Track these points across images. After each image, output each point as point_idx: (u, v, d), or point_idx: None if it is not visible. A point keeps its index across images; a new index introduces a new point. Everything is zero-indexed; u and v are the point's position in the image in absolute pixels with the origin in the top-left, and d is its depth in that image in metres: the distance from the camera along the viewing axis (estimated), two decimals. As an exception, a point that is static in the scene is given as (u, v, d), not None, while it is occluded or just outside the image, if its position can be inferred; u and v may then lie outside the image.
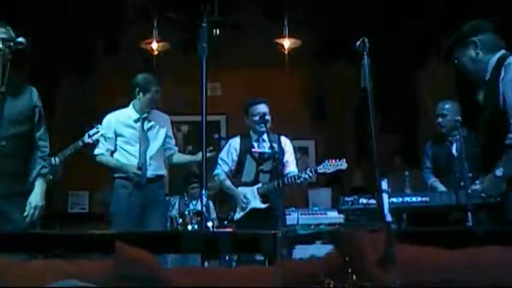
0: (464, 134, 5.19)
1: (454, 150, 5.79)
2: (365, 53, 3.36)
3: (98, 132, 5.54)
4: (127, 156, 5.53)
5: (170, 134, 5.84)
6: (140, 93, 5.59)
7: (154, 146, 5.61)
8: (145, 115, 5.61)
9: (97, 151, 5.60)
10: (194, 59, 3.52)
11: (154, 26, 7.83)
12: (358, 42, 3.40)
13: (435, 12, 7.63)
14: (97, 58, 8.88)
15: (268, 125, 5.61)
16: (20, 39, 3.76)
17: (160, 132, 5.69)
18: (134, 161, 5.48)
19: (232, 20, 7.74)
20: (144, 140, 5.57)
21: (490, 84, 3.56)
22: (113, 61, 8.61)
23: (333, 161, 5.55)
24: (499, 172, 3.46)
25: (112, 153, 5.60)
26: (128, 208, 5.40)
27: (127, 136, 5.56)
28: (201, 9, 3.53)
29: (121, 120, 5.62)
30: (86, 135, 5.56)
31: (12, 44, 3.76)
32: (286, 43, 7.99)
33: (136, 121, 5.60)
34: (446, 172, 5.83)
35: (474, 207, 4.62)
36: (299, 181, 5.49)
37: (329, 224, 6.53)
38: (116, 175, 5.54)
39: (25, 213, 3.94)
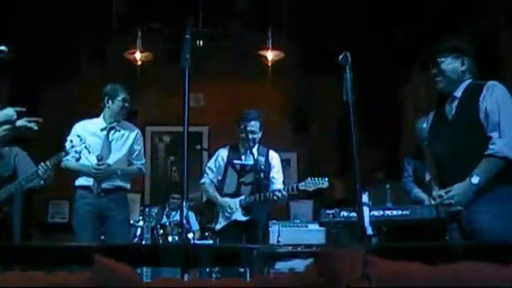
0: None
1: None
2: (347, 67, 3.39)
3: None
4: (87, 165, 5.42)
5: (137, 147, 5.71)
6: (109, 102, 5.55)
7: (115, 157, 5.53)
8: (112, 125, 5.55)
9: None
10: (177, 69, 3.51)
11: (138, 36, 7.81)
12: (340, 56, 3.44)
13: (417, 27, 7.69)
14: (81, 67, 8.84)
15: (256, 141, 5.66)
16: (2, 47, 3.74)
17: (125, 144, 5.62)
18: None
19: (215, 32, 7.75)
20: (106, 149, 5.48)
21: (462, 101, 3.77)
22: (97, 71, 8.58)
23: (316, 179, 5.55)
24: (474, 180, 3.54)
25: (78, 160, 5.48)
26: (86, 218, 5.35)
27: (91, 145, 5.38)
28: (185, 20, 3.52)
29: (87, 129, 5.55)
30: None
31: None
32: (270, 55, 8.01)
33: (102, 130, 5.54)
34: (426, 185, 5.86)
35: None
36: (281, 197, 5.49)
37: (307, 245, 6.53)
38: (76, 184, 5.48)
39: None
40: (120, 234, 5.44)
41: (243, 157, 5.73)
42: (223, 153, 5.83)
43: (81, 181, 5.48)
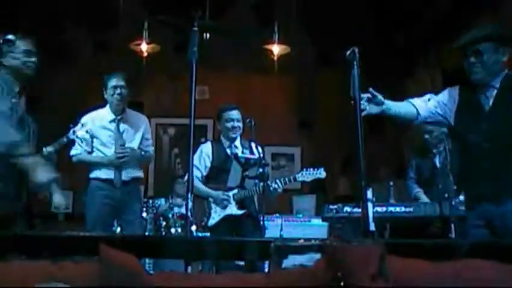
0: (449, 146, 5.21)
1: (437, 163, 5.81)
2: (355, 62, 3.35)
3: (83, 128, 5.43)
4: (106, 156, 5.43)
5: (148, 135, 5.70)
6: (104, 91, 5.52)
7: (131, 147, 5.50)
8: (120, 116, 5.52)
9: (73, 152, 5.48)
10: (183, 61, 3.50)
11: (145, 27, 7.79)
12: (348, 52, 3.39)
13: (423, 23, 7.67)
14: (86, 57, 8.82)
15: (240, 132, 5.64)
16: (10, 36, 3.73)
17: (137, 134, 5.59)
18: None
19: (222, 25, 7.74)
20: (119, 141, 5.47)
21: (501, 92, 3.59)
22: (103, 61, 8.56)
23: (312, 169, 5.56)
24: None
25: (89, 154, 5.50)
26: (101, 210, 5.33)
27: (103, 138, 5.46)
28: (192, 13, 3.50)
29: (96, 122, 5.51)
30: (71, 131, 5.43)
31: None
32: (276, 49, 7.98)
33: (110, 122, 5.51)
34: (430, 184, 5.85)
35: (457, 219, 4.65)
36: (277, 189, 5.49)
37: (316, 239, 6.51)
38: (92, 176, 5.46)
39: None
40: (136, 223, 5.49)
41: (228, 150, 5.70)
42: (206, 149, 5.75)
43: (97, 173, 5.43)
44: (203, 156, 5.77)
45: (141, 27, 7.83)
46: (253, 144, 5.78)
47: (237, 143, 5.69)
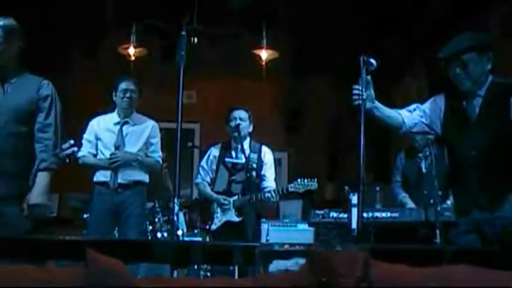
0: (435, 151, 5.22)
1: (423, 167, 5.82)
2: (363, 70, 3.37)
3: (70, 146, 5.38)
4: (103, 159, 5.42)
5: (153, 140, 5.64)
6: (114, 94, 5.51)
7: (130, 151, 5.47)
8: (125, 119, 5.52)
9: (79, 154, 5.37)
10: (171, 65, 3.50)
11: (132, 31, 7.77)
12: (362, 58, 3.42)
13: (412, 31, 7.71)
14: (73, 61, 8.78)
15: (243, 132, 5.58)
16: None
17: (141, 138, 5.56)
18: None
19: (211, 29, 7.74)
20: (120, 143, 5.45)
21: (487, 100, 3.58)
22: (90, 65, 8.54)
23: (305, 180, 5.54)
24: None
25: (95, 156, 5.50)
26: (100, 215, 5.32)
27: (105, 140, 5.46)
28: (181, 17, 3.51)
29: (102, 124, 5.53)
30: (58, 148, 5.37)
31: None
32: (264, 54, 7.99)
33: (115, 124, 5.50)
34: (415, 188, 5.87)
35: (442, 225, 4.66)
36: (272, 199, 5.49)
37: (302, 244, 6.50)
38: (95, 180, 5.44)
39: (24, 213, 3.69)
40: (133, 229, 5.35)
41: (233, 153, 5.70)
42: (215, 152, 5.81)
43: (98, 177, 5.42)
44: (211, 158, 5.78)
45: (129, 31, 7.81)
46: (263, 148, 5.76)
47: (246, 145, 5.64)
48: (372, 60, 3.45)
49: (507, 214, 3.43)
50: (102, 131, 5.50)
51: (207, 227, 5.74)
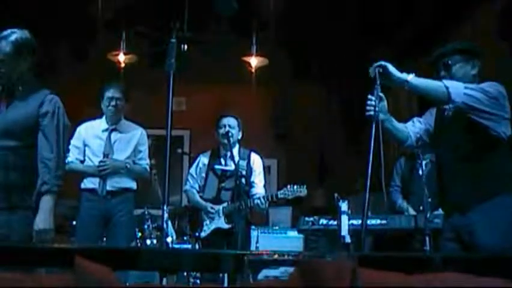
0: (433, 158, 5.24)
1: (420, 173, 5.81)
2: (377, 81, 3.40)
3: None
4: (92, 165, 5.42)
5: (142, 148, 5.67)
6: (101, 101, 5.52)
7: (118, 158, 5.48)
8: (113, 126, 5.52)
9: (66, 159, 5.44)
10: (160, 72, 3.50)
11: (122, 38, 7.77)
12: (372, 69, 3.44)
13: (401, 37, 7.75)
14: (60, 66, 8.74)
15: (232, 139, 5.58)
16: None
17: (129, 145, 5.58)
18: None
19: (200, 36, 7.75)
20: (108, 151, 5.45)
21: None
22: (78, 71, 8.52)
23: (294, 187, 5.55)
24: (410, 77, 3.43)
25: (82, 162, 5.50)
26: (88, 222, 5.32)
27: (93, 147, 5.47)
28: (170, 24, 3.52)
29: (90, 131, 5.54)
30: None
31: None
32: (254, 61, 8.01)
33: (103, 131, 5.51)
34: (411, 193, 5.90)
35: (432, 232, 4.69)
36: (261, 206, 5.49)
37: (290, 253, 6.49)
38: (82, 187, 5.44)
39: (33, 240, 3.59)
40: (122, 236, 5.35)
41: (222, 160, 5.70)
42: (204, 159, 5.83)
43: (86, 183, 5.43)
44: (200, 165, 5.78)
45: (119, 37, 7.81)
46: (252, 155, 5.77)
47: (235, 152, 5.63)
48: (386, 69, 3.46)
49: (478, 219, 3.45)
50: (90, 137, 5.50)
51: (196, 234, 5.73)
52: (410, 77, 3.44)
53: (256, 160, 5.80)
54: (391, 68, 3.47)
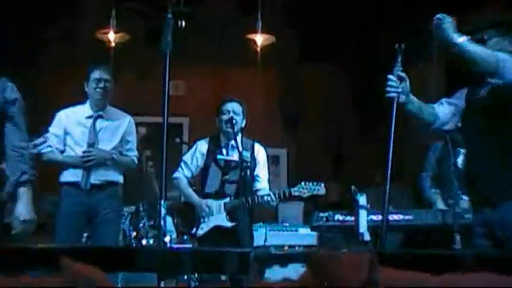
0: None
1: (458, 164, 5.73)
2: (398, 60, 3.39)
3: (44, 142, 5.35)
4: (74, 156, 5.36)
5: (130, 138, 5.61)
6: (86, 84, 5.45)
7: (104, 149, 5.43)
8: (99, 113, 5.47)
9: (43, 149, 5.35)
10: (156, 52, 3.49)
11: (112, 14, 7.75)
12: (398, 46, 3.43)
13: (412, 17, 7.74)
14: (42, 48, 8.74)
15: (237, 127, 5.51)
16: None
17: (116, 135, 5.51)
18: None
19: (199, 12, 7.73)
20: (93, 140, 5.39)
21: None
22: (62, 52, 8.51)
23: (310, 184, 5.50)
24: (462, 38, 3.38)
25: (62, 153, 5.43)
26: (69, 218, 5.27)
27: (76, 135, 5.39)
28: (166, -1, 3.51)
29: (72, 117, 5.45)
30: (32, 144, 5.33)
31: None
32: (259, 39, 7.98)
33: (87, 118, 5.44)
34: (444, 184, 5.84)
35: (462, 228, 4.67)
36: (271, 202, 5.45)
37: (304, 246, 6.49)
38: (62, 180, 5.40)
39: (13, 231, 3.74)
40: (108, 235, 5.33)
41: (224, 150, 5.64)
42: (201, 147, 5.71)
43: (67, 176, 5.37)
44: (196, 154, 5.70)
45: (108, 14, 7.79)
46: (256, 146, 5.72)
47: (238, 141, 5.53)
48: None
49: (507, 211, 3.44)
50: (72, 124, 5.42)
51: (192, 232, 5.67)
52: (462, 39, 3.38)
53: (260, 151, 5.74)
54: (446, 24, 3.41)
